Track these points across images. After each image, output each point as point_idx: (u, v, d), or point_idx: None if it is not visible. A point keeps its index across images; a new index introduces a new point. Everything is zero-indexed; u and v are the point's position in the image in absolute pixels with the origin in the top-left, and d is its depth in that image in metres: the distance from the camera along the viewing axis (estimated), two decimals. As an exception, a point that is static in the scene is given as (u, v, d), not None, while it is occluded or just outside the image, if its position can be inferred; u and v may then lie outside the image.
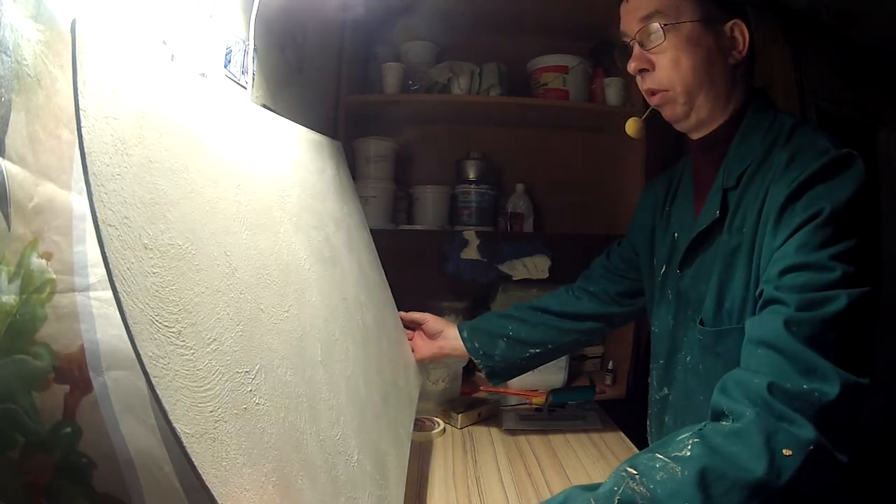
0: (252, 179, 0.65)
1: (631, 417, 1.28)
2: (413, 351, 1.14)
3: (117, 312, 0.56)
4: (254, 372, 0.51)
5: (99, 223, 0.40)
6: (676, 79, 0.75)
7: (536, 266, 1.64)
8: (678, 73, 0.74)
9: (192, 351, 0.45)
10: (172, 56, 0.75)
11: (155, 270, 0.44)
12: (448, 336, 1.11)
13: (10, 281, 0.46)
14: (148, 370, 0.40)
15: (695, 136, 0.82)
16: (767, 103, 0.79)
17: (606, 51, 1.69)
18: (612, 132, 1.74)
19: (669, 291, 0.87)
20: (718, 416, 0.61)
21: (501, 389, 1.36)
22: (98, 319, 0.54)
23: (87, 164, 0.40)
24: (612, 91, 1.60)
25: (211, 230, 0.52)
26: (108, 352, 0.55)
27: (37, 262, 0.49)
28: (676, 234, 0.87)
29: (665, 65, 0.75)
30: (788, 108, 1.76)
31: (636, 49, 0.77)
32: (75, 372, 0.52)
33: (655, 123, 0.93)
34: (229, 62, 0.92)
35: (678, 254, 0.84)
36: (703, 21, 0.73)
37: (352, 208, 1.05)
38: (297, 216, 0.75)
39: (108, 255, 0.40)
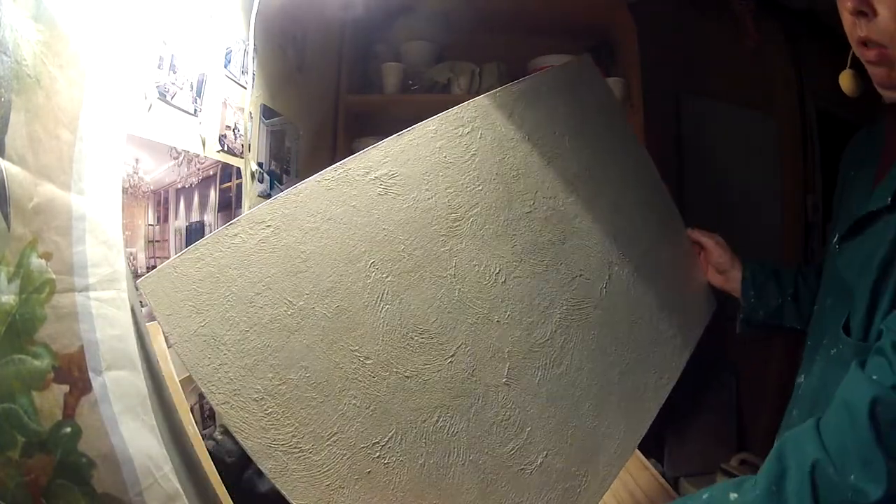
0: (393, 237, 0.63)
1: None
2: None
3: (117, 312, 0.57)
4: (386, 439, 0.59)
5: (216, 406, 0.54)
6: None
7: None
8: None
9: (309, 451, 0.55)
10: (172, 56, 0.75)
11: (268, 412, 0.54)
12: (732, 278, 0.96)
13: (10, 281, 0.46)
14: (267, 474, 0.54)
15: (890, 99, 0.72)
16: None
17: (606, 51, 1.68)
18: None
19: (830, 266, 0.76)
20: (765, 471, 0.56)
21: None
22: (98, 319, 0.54)
23: (197, 377, 0.53)
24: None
25: (330, 340, 0.57)
26: (108, 352, 0.55)
27: (36, 262, 0.49)
28: (852, 203, 0.77)
29: (890, 15, 0.62)
30: (788, 109, 1.76)
31: None
32: (75, 372, 0.52)
33: (657, 122, 0.93)
34: (229, 62, 0.92)
35: (845, 225, 0.73)
36: None
37: (607, 138, 0.88)
38: (483, 225, 0.70)
39: (227, 422, 0.54)
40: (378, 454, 0.58)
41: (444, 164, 0.69)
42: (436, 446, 0.62)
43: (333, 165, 0.63)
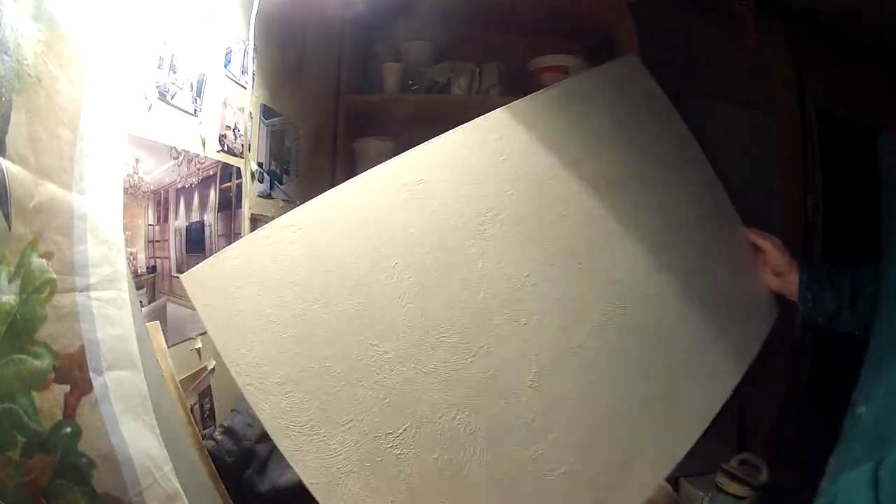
0: (418, 240, 0.65)
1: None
2: None
3: (118, 312, 0.56)
4: (400, 431, 0.61)
5: (241, 387, 0.58)
6: None
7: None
8: None
9: (324, 435, 0.59)
10: (172, 56, 0.75)
11: (288, 395, 0.58)
12: (790, 282, 0.90)
13: (11, 281, 0.46)
14: (283, 452, 0.58)
15: None
16: None
17: (606, 51, 1.68)
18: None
19: (894, 279, 0.72)
20: None
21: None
22: (98, 319, 0.54)
23: (227, 360, 0.58)
24: (612, 91, 1.59)
25: (351, 334, 0.61)
26: (109, 352, 0.55)
27: (37, 261, 0.49)
28: None
29: None
30: (788, 109, 1.76)
31: None
32: (75, 372, 0.52)
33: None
34: (229, 62, 0.92)
35: None
36: None
37: (654, 140, 0.84)
38: (513, 229, 0.70)
39: (250, 402, 0.58)
40: (391, 444, 0.60)
41: (473, 170, 0.70)
42: (451, 443, 0.63)
43: (364, 172, 0.66)
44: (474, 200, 0.69)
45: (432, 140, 0.70)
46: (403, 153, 0.68)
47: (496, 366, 0.66)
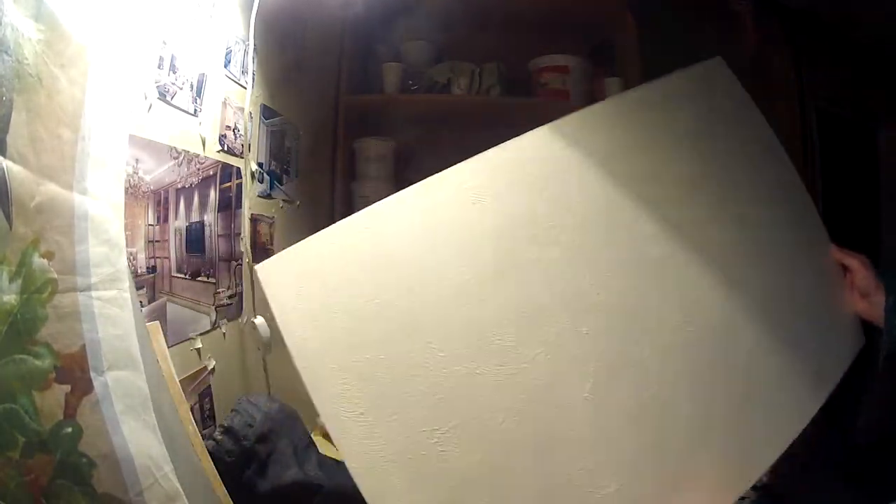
0: (480, 243, 0.67)
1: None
2: None
3: (119, 312, 0.57)
4: (446, 428, 0.62)
5: (299, 370, 0.62)
6: None
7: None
8: None
9: (371, 423, 0.61)
10: (173, 56, 0.75)
11: (341, 383, 0.62)
12: (876, 304, 0.82)
13: (12, 280, 0.46)
14: (331, 436, 0.61)
15: None
16: None
17: (606, 51, 1.68)
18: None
19: None
20: None
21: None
22: (99, 319, 0.54)
23: (288, 343, 0.62)
24: (612, 91, 1.59)
25: (406, 331, 0.64)
26: (110, 351, 0.55)
27: (38, 261, 0.49)
28: None
29: None
30: (788, 109, 1.76)
31: None
32: (76, 372, 0.52)
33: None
34: (229, 62, 0.92)
35: None
36: None
37: (739, 148, 0.82)
38: (581, 236, 0.70)
39: (305, 382, 0.61)
40: (435, 440, 0.62)
41: (543, 175, 0.71)
42: (497, 446, 0.63)
43: (432, 177, 0.69)
44: (541, 206, 0.70)
45: (498, 146, 0.71)
46: (469, 158, 0.69)
47: (551, 374, 0.65)
